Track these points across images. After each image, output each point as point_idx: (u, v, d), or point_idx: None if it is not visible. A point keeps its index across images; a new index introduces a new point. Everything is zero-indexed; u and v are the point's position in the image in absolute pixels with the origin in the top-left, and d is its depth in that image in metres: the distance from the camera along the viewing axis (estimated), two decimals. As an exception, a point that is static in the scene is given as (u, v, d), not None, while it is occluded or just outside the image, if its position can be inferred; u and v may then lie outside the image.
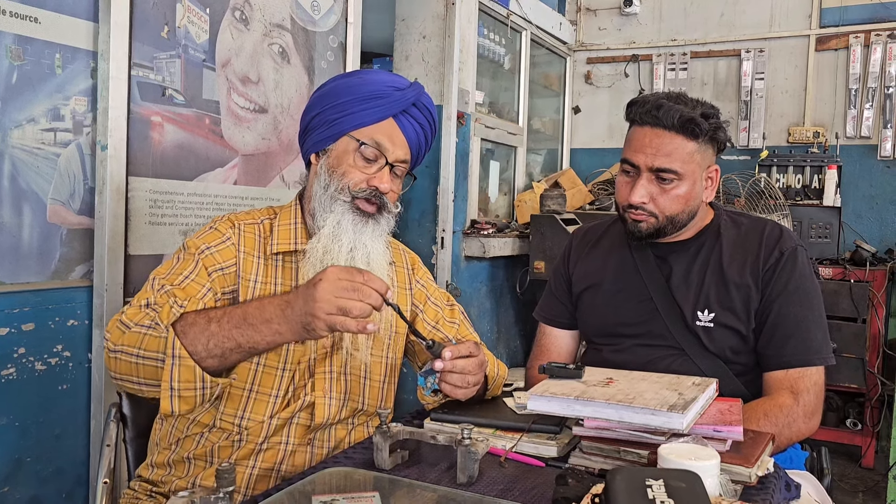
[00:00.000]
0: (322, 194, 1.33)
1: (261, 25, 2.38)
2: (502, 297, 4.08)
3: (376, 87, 1.34)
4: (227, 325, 1.14)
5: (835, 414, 3.71)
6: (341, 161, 1.34)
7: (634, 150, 1.49)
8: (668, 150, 1.45)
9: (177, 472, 1.31)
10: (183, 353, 1.11)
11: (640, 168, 1.48)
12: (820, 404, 1.45)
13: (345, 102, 1.33)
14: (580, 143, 4.96)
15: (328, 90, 1.37)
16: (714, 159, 1.54)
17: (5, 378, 1.77)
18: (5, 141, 1.74)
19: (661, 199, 1.48)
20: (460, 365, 1.25)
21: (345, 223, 1.31)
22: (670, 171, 1.46)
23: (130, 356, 1.16)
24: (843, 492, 3.32)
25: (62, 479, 1.92)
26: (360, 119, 1.33)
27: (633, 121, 1.52)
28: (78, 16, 1.88)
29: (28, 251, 1.80)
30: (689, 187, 1.48)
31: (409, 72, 3.59)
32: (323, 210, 1.32)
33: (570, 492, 0.97)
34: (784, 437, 1.39)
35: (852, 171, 4.12)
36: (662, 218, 1.49)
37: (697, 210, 1.53)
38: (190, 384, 1.13)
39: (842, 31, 4.15)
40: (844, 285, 3.54)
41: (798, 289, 1.48)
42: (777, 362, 1.46)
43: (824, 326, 1.49)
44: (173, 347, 1.11)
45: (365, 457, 1.19)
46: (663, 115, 1.44)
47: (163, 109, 2.08)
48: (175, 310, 1.16)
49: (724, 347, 1.48)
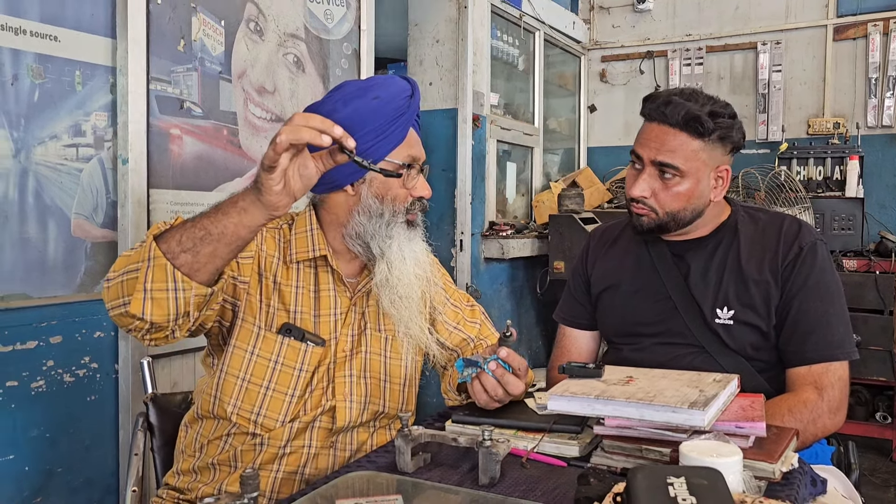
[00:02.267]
0: (377, 222, 1.34)
1: (275, 36, 2.41)
2: (522, 298, 4.07)
3: (396, 102, 1.32)
4: (200, 218, 1.10)
5: (864, 408, 3.66)
6: (388, 186, 1.34)
7: (641, 144, 1.50)
8: (672, 146, 1.45)
9: (202, 479, 1.33)
10: (156, 254, 1.08)
11: (644, 161, 1.49)
12: (845, 399, 1.43)
13: (374, 129, 1.30)
14: (597, 142, 4.94)
15: (348, 119, 1.26)
16: (726, 159, 1.51)
17: (35, 391, 1.81)
18: (29, 158, 1.78)
19: (662, 194, 1.48)
20: (507, 379, 1.27)
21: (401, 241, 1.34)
22: (671, 167, 1.46)
23: (118, 276, 1.13)
24: (873, 486, 3.27)
25: (92, 489, 1.95)
26: (393, 142, 1.33)
27: (645, 116, 1.53)
28: (96, 33, 1.91)
29: (54, 265, 1.83)
30: (692, 185, 1.47)
31: (423, 76, 3.61)
32: (381, 237, 1.34)
33: (592, 491, 0.97)
34: (809, 433, 1.37)
35: (874, 160, 4.07)
36: (662, 213, 1.49)
37: (703, 209, 1.52)
38: (162, 284, 1.09)
39: (860, 19, 4.10)
40: (870, 277, 3.49)
41: (819, 283, 1.46)
42: (800, 358, 1.45)
43: (846, 321, 1.48)
44: (149, 250, 1.08)
45: (387, 460, 1.20)
46: (670, 112, 1.45)
47: (181, 122, 2.11)
48: (162, 226, 1.14)
49: (745, 344, 1.47)
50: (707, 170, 1.48)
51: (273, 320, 1.32)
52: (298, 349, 1.32)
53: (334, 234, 1.39)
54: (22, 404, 1.78)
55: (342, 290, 1.39)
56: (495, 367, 1.27)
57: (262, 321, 1.32)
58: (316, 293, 1.37)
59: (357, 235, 1.35)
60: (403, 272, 1.34)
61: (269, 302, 1.33)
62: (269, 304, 1.33)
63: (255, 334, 1.31)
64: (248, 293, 1.32)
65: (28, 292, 1.78)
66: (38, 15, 1.79)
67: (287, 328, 1.32)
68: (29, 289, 1.78)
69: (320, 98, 2.59)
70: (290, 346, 1.32)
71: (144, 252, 1.10)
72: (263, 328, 1.32)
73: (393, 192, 1.34)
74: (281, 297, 1.34)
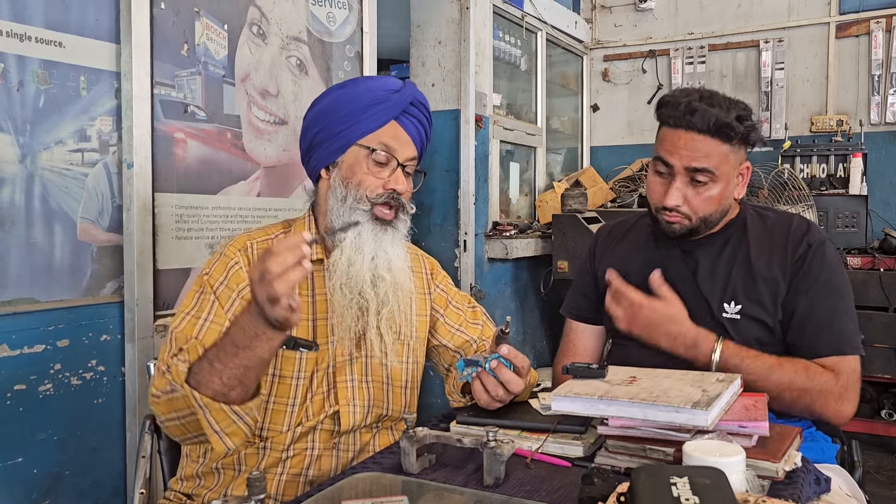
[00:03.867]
0: (340, 206, 1.35)
1: (278, 39, 2.42)
2: (526, 298, 4.08)
3: (374, 93, 1.36)
4: (226, 358, 1.14)
5: (869, 405, 3.65)
6: (354, 170, 1.35)
7: (669, 152, 1.48)
8: (704, 151, 1.45)
9: (206, 484, 1.34)
10: (206, 401, 1.14)
11: (674, 168, 1.48)
12: (856, 393, 1.45)
13: (347, 113, 1.35)
14: (600, 141, 4.94)
15: (327, 105, 1.38)
16: (745, 157, 1.54)
17: (43, 394, 1.82)
18: (35, 163, 1.79)
19: (695, 200, 1.48)
20: (506, 377, 1.28)
21: (365, 233, 1.33)
22: (707, 171, 1.46)
23: (175, 421, 1.22)
24: (879, 484, 3.27)
25: (100, 492, 1.96)
26: (366, 126, 1.35)
27: (665, 122, 1.51)
28: (100, 38, 1.93)
29: (60, 269, 1.84)
30: (723, 188, 1.49)
31: (425, 77, 3.61)
32: (343, 223, 1.34)
33: (596, 491, 0.97)
34: (815, 392, 1.40)
35: (878, 158, 4.06)
36: (696, 219, 1.50)
37: (729, 209, 1.55)
38: (227, 421, 1.16)
39: (862, 16, 4.09)
40: (874, 274, 3.48)
41: (828, 281, 1.48)
42: (811, 353, 1.46)
43: (855, 318, 1.50)
44: (196, 400, 1.14)
45: (392, 461, 1.20)
46: (697, 119, 1.44)
47: (185, 126, 2.12)
48: (181, 366, 1.19)
49: (751, 339, 1.48)
50: (735, 171, 1.51)
51: None
52: (293, 358, 1.32)
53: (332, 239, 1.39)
54: (30, 407, 1.79)
55: None
56: (496, 364, 1.28)
57: None
58: (312, 297, 1.37)
59: (331, 223, 1.36)
60: (357, 265, 1.32)
61: None
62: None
63: None
64: None
65: (35, 296, 1.79)
66: (42, 21, 1.80)
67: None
68: (36, 293, 1.79)
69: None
70: (284, 358, 1.32)
71: (190, 400, 1.15)
72: None
73: (358, 178, 1.35)
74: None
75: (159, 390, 1.22)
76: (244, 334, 1.12)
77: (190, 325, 1.29)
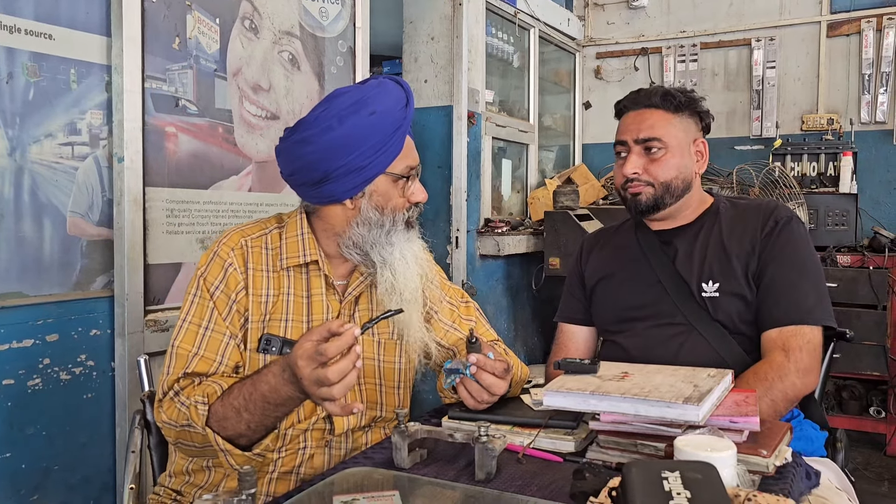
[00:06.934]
0: (378, 232, 1.34)
1: (270, 33, 2.41)
2: (518, 294, 4.08)
3: (392, 115, 1.31)
4: (256, 410, 1.17)
5: (857, 402, 3.68)
6: (388, 197, 1.35)
7: (621, 132, 1.66)
8: (651, 122, 1.61)
9: (196, 480, 1.33)
10: (228, 447, 1.18)
11: (628, 144, 1.63)
12: (815, 363, 1.50)
13: (372, 146, 1.30)
14: (591, 139, 4.95)
15: (345, 138, 1.28)
16: (700, 134, 1.67)
17: (32, 388, 1.81)
18: (24, 156, 1.78)
19: (653, 167, 1.60)
20: (487, 381, 1.28)
21: (402, 245, 1.36)
22: (655, 140, 1.59)
23: (190, 446, 1.25)
24: (867, 480, 3.29)
25: (89, 487, 1.95)
26: (391, 155, 1.33)
27: (619, 112, 1.70)
28: (91, 31, 1.91)
29: (50, 263, 1.83)
30: (678, 157, 1.61)
31: (418, 73, 3.61)
32: (381, 245, 1.34)
33: (588, 486, 0.98)
34: (777, 389, 1.42)
35: (868, 157, 4.08)
36: (658, 185, 1.60)
37: (691, 181, 1.64)
38: (246, 461, 1.20)
39: (853, 16, 4.11)
40: (863, 272, 3.50)
41: (793, 254, 1.56)
42: (771, 321, 1.52)
43: (821, 292, 1.55)
44: (218, 444, 1.18)
45: (384, 456, 1.21)
46: (643, 95, 1.64)
47: (177, 120, 2.11)
48: (201, 409, 1.20)
49: (731, 313, 1.55)
50: (686, 142, 1.63)
51: (257, 337, 1.33)
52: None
53: (328, 241, 1.39)
54: (18, 402, 1.78)
55: (332, 295, 1.39)
56: (476, 370, 1.28)
57: (250, 342, 1.33)
58: (308, 298, 1.37)
59: (355, 245, 1.36)
60: (408, 276, 1.35)
61: (260, 318, 1.33)
62: (261, 320, 1.33)
63: (248, 358, 1.32)
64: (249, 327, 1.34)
65: (24, 290, 1.78)
66: (32, 13, 1.78)
67: (266, 340, 1.32)
68: (25, 287, 1.78)
69: (315, 96, 2.60)
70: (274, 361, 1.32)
71: (212, 442, 1.19)
72: (249, 349, 1.32)
73: (393, 203, 1.35)
74: (273, 308, 1.34)
75: (172, 419, 1.23)
76: (278, 395, 1.15)
77: (190, 336, 1.29)
